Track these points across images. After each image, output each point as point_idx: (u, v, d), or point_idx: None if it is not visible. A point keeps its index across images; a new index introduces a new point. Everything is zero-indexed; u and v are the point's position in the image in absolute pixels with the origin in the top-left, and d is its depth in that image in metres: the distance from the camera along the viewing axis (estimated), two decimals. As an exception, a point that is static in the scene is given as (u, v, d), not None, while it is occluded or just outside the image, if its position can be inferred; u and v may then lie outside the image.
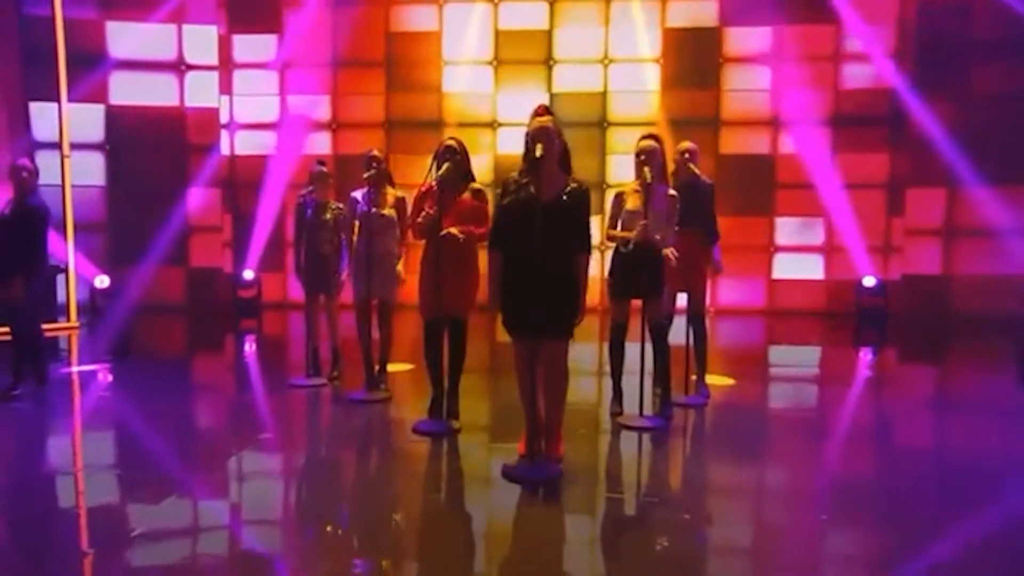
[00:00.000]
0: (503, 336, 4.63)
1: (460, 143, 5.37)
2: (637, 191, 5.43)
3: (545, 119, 4.41)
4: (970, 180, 10.54)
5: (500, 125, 11.82)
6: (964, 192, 10.66)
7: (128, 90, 11.65)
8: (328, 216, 6.63)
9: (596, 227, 5.07)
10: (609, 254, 5.80)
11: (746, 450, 5.30)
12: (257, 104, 12.18)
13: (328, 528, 3.90)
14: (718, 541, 3.92)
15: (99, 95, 11.31)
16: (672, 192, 5.52)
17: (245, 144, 12.27)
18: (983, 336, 9.80)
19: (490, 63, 11.86)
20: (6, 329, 6.29)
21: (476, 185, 5.37)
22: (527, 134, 4.40)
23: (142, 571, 3.49)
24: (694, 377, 6.19)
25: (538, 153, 4.28)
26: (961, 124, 10.59)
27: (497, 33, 11.88)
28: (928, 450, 5.58)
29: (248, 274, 11.78)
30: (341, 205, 6.61)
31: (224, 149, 12.17)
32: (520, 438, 4.65)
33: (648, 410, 5.52)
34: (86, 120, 11.08)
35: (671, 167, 5.99)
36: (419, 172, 6.54)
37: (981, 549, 3.70)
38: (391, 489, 4.60)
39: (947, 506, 4.24)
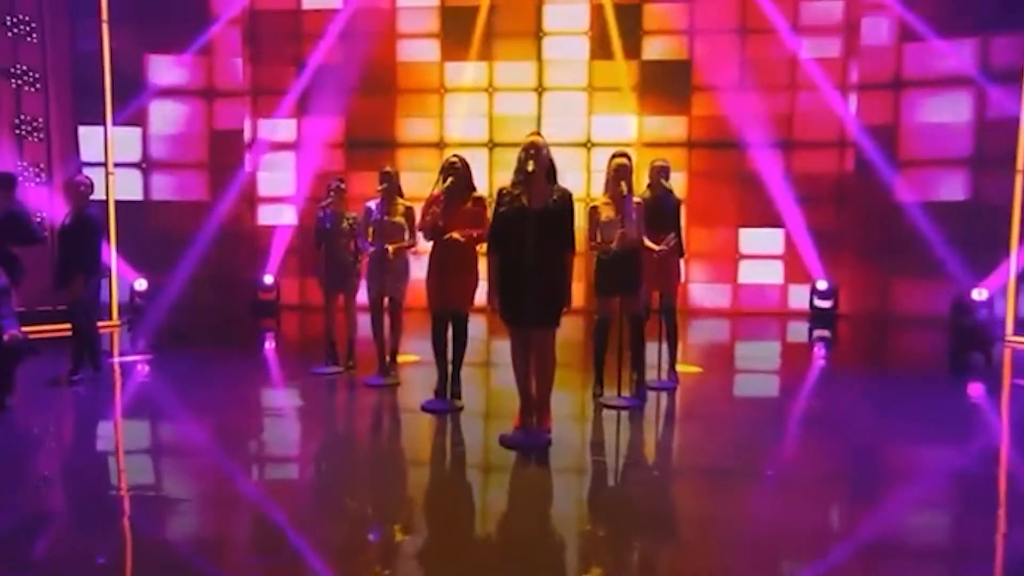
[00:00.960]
0: (499, 335, 4.97)
1: (463, 159, 5.63)
2: (607, 203, 5.68)
3: (536, 137, 4.76)
4: (908, 199, 10.92)
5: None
6: (901, 209, 10.95)
7: (164, 114, 11.85)
8: (345, 225, 6.89)
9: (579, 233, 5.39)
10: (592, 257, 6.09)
11: (708, 426, 5.68)
12: (278, 126, 12.33)
13: (348, 488, 4.28)
14: (681, 493, 4.33)
15: (139, 119, 11.48)
16: (638, 200, 5.75)
17: (266, 162, 12.46)
18: (920, 333, 10.11)
19: (486, 144, 12.18)
20: (67, 325, 6.54)
21: (477, 194, 5.64)
22: (520, 150, 4.70)
23: (192, 516, 3.85)
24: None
25: (530, 168, 4.60)
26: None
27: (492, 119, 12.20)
28: (859, 426, 5.92)
29: (268, 279, 12.02)
30: (356, 215, 6.85)
31: (247, 167, 12.35)
32: (516, 413, 4.95)
33: (625, 391, 5.78)
34: (127, 141, 11.29)
35: (645, 181, 6.36)
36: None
37: (906, 517, 4.08)
38: (403, 455, 4.97)
39: (871, 472, 4.63)
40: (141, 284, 10.41)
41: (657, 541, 3.60)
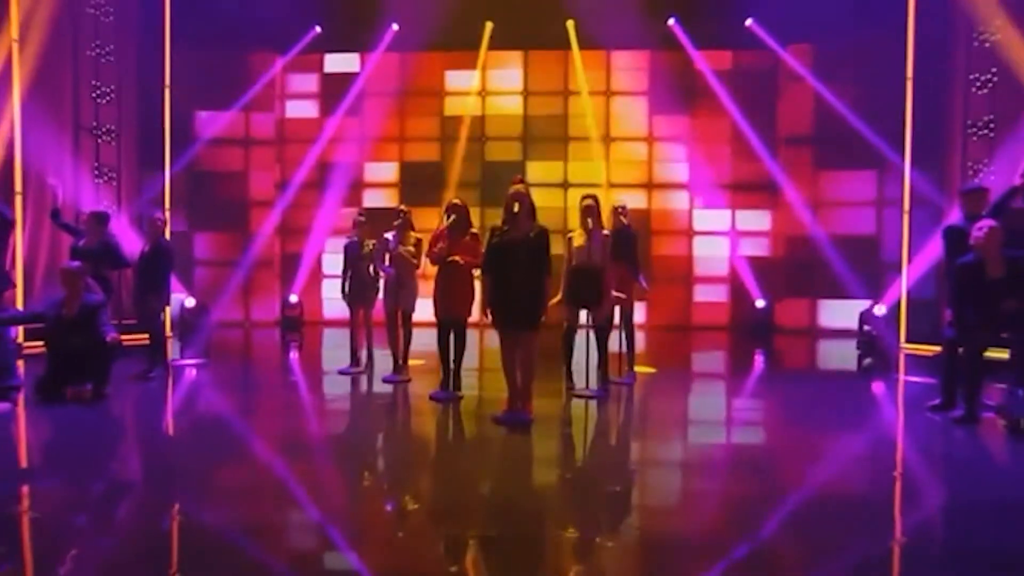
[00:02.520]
0: (489, 343, 5.64)
1: (463, 202, 6.32)
2: (580, 234, 6.37)
3: (520, 186, 5.48)
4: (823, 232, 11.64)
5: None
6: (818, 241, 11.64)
7: (209, 160, 12.31)
8: (366, 251, 7.46)
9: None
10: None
11: (658, 411, 6.38)
12: (304, 170, 12.72)
13: (368, 456, 4.93)
14: (635, 456, 4.99)
15: (189, 163, 11.82)
16: (606, 233, 6.43)
17: (294, 200, 12.81)
18: (836, 342, 10.68)
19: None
20: (143, 335, 7.15)
21: (473, 230, 6.30)
22: (508, 196, 5.38)
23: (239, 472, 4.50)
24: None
25: (515, 210, 5.31)
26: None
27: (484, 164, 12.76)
28: (776, 408, 6.64)
29: (293, 298, 12.54)
30: (375, 242, 7.36)
31: (278, 204, 12.82)
32: (505, 399, 5.57)
33: (592, 385, 6.46)
34: (178, 182, 11.65)
35: (608, 217, 7.06)
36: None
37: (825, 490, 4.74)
38: (415, 432, 5.60)
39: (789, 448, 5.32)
40: (190, 302, 10.95)
41: (612, 485, 4.27)
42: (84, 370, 5.76)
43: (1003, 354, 5.51)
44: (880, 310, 8.94)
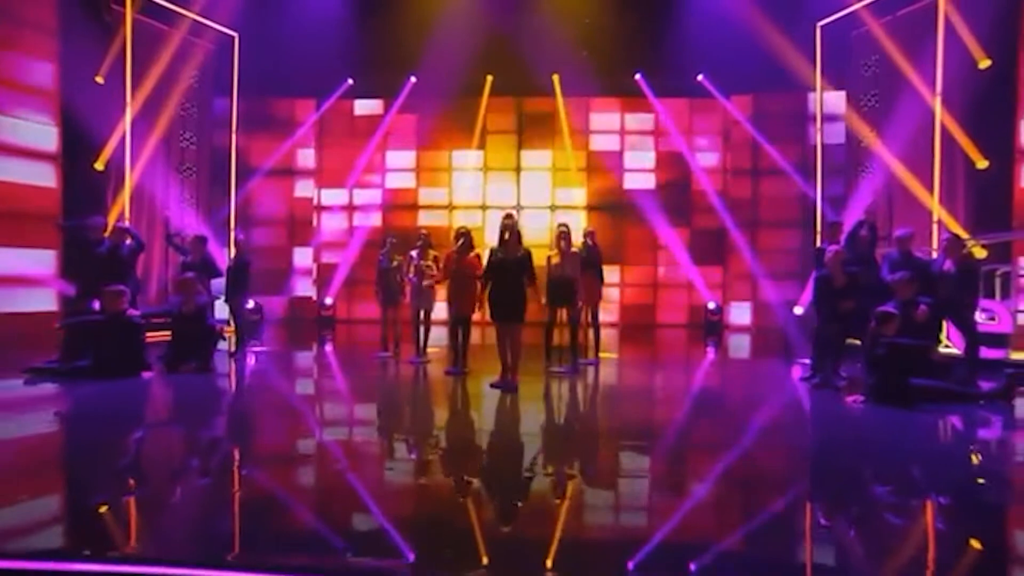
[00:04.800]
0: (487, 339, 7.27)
1: (469, 231, 7.85)
2: (556, 254, 7.92)
3: (509, 220, 7.18)
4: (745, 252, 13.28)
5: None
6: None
7: (260, 187, 13.87)
8: (394, 264, 9.02)
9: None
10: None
11: (615, 382, 7.98)
12: (336, 195, 14.35)
13: (406, 406, 6.68)
14: (600, 413, 6.65)
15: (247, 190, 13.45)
16: (575, 251, 7.97)
17: (329, 221, 14.42)
18: (773, 336, 12.34)
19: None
20: (230, 327, 8.85)
21: (476, 251, 7.87)
22: (501, 225, 7.04)
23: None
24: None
25: (506, 236, 6.99)
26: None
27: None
28: (716, 391, 8.35)
29: (328, 300, 14.06)
30: (402, 258, 8.90)
31: (315, 223, 14.35)
32: (499, 373, 7.20)
33: (565, 364, 8.00)
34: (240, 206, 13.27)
35: (578, 239, 8.69)
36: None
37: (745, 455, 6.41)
38: (434, 395, 7.30)
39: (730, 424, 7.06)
40: (250, 303, 12.69)
41: (575, 426, 5.95)
42: (195, 351, 7.47)
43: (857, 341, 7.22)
44: (798, 310, 10.64)
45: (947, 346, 7.82)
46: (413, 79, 13.93)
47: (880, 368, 5.97)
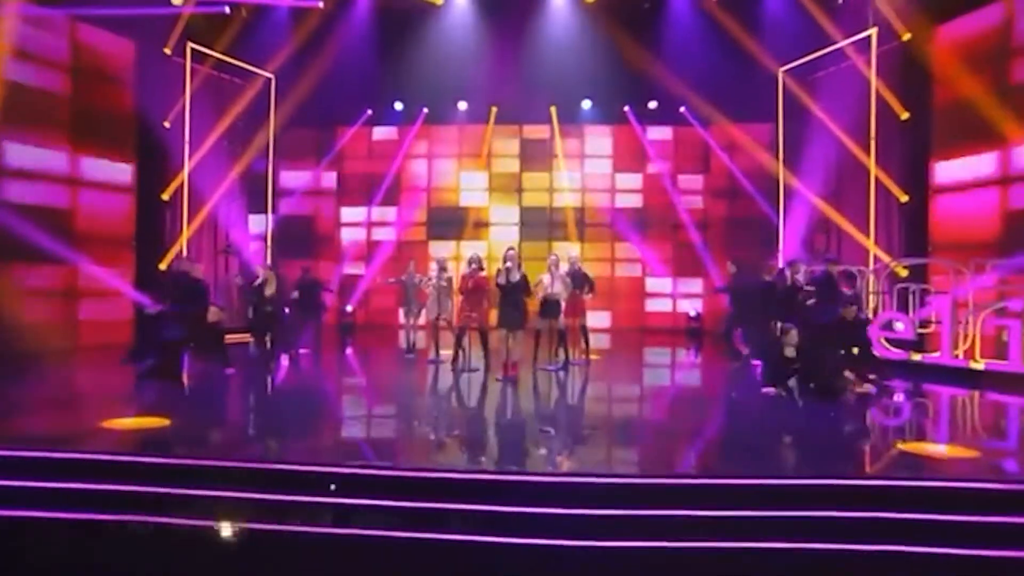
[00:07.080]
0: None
1: (479, 256, 9.85)
2: (547, 276, 10.04)
3: (511, 251, 9.32)
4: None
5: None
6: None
7: (288, 205, 16.08)
8: (417, 281, 11.26)
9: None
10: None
11: (600, 379, 9.93)
12: (355, 213, 16.41)
13: (429, 393, 8.87)
14: (577, 395, 8.69)
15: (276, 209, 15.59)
16: (562, 274, 10.07)
17: (349, 236, 16.50)
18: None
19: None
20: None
21: (484, 273, 9.93)
22: (503, 257, 9.25)
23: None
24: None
25: (507, 265, 9.09)
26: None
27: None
28: (678, 375, 10.47)
29: (349, 307, 16.08)
30: (423, 276, 11.20)
31: (337, 237, 16.48)
32: (501, 368, 9.31)
33: (555, 363, 10.04)
34: (261, 222, 15.40)
35: (565, 264, 10.78)
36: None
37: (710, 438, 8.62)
38: (449, 386, 9.39)
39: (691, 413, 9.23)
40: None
41: (564, 404, 8.04)
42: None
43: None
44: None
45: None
46: (426, 109, 15.98)
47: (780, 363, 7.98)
